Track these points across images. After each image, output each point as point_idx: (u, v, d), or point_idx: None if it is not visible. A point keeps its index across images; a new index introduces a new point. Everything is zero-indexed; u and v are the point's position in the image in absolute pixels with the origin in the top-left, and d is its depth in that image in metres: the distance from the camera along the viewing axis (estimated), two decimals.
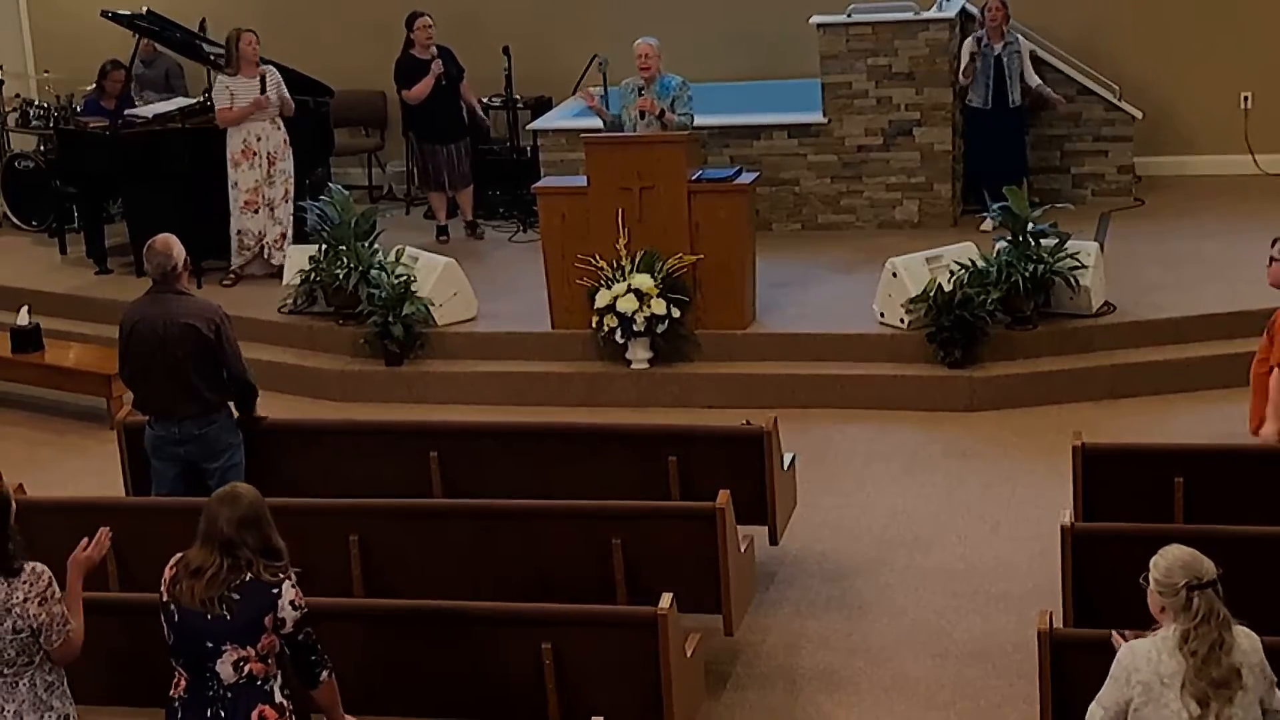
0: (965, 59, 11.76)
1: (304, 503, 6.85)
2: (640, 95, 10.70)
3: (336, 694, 5.31)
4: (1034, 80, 11.94)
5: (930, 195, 12.08)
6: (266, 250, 11.66)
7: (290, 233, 11.69)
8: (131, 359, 7.31)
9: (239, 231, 11.60)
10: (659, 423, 8.80)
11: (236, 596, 4.99)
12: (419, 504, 6.98)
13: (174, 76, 13.66)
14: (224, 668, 4.99)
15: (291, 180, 11.70)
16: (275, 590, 5.03)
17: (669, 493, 7.17)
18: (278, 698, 5.08)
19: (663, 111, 10.60)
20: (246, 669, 5.00)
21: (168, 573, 5.11)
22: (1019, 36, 11.83)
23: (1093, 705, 4.90)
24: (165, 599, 5.08)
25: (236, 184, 11.55)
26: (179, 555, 5.13)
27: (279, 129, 11.62)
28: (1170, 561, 4.78)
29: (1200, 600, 4.69)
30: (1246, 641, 4.78)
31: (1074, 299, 9.86)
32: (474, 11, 13.11)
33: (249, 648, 5.00)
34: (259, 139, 11.51)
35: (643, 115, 10.67)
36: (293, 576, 5.10)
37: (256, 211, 11.59)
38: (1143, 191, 12.65)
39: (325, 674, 5.23)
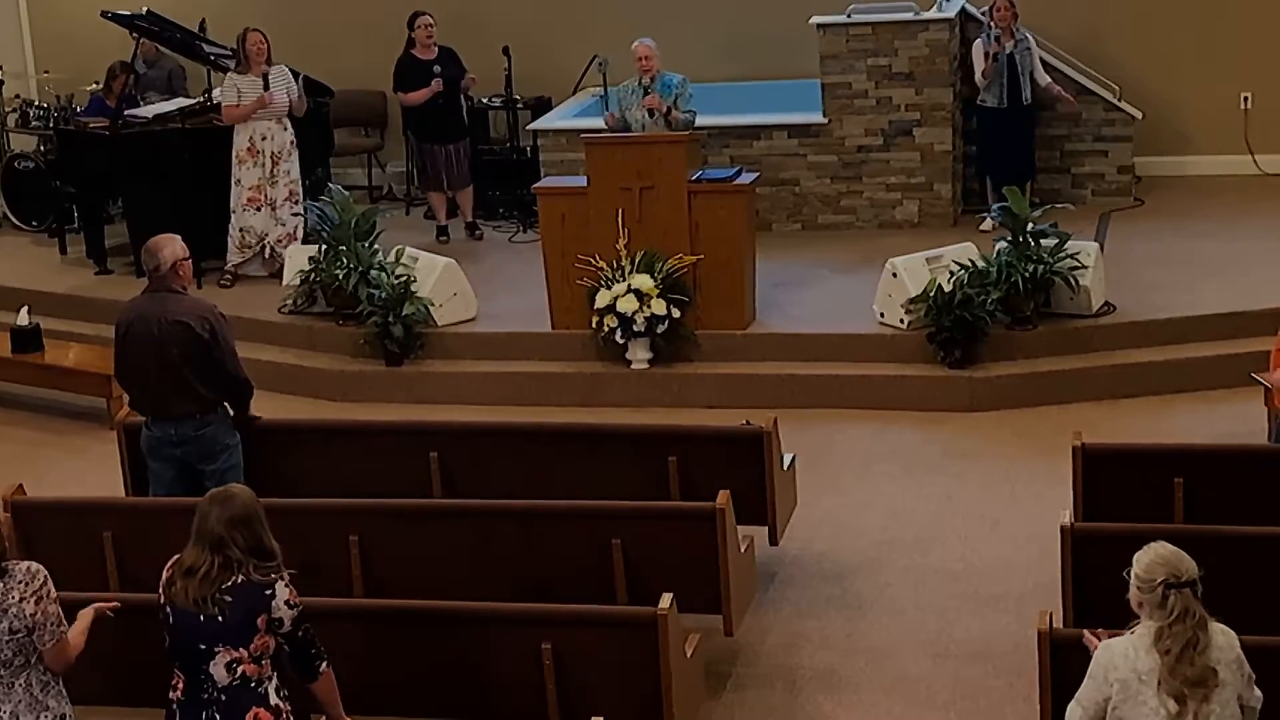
0: (980, 59, 11.75)
1: (304, 503, 6.85)
2: (645, 94, 10.71)
3: (335, 690, 5.31)
4: (1044, 79, 11.92)
5: (930, 195, 12.07)
6: (268, 249, 11.63)
7: (298, 234, 11.65)
8: (126, 357, 7.29)
9: (242, 229, 11.57)
10: (659, 423, 8.79)
11: (229, 598, 4.98)
12: (419, 504, 6.98)
13: (176, 78, 13.65)
14: (217, 669, 4.99)
15: (297, 183, 11.65)
16: (268, 591, 5.02)
17: (669, 493, 7.17)
18: (273, 700, 5.06)
19: (669, 109, 10.62)
20: (240, 670, 4.99)
21: (165, 574, 5.12)
22: (1028, 35, 11.82)
23: (1071, 704, 4.91)
24: (161, 600, 5.09)
25: (240, 181, 11.54)
26: (176, 557, 5.13)
27: (286, 129, 11.57)
28: (1152, 558, 4.79)
29: (1176, 599, 4.70)
30: (1223, 638, 4.77)
31: (1074, 299, 9.85)
32: (474, 11, 13.10)
33: (241, 649, 4.99)
34: (264, 138, 11.49)
35: (650, 114, 10.68)
36: (285, 576, 5.09)
37: (259, 210, 11.56)
38: (1143, 191, 12.64)
39: (324, 665, 5.23)
